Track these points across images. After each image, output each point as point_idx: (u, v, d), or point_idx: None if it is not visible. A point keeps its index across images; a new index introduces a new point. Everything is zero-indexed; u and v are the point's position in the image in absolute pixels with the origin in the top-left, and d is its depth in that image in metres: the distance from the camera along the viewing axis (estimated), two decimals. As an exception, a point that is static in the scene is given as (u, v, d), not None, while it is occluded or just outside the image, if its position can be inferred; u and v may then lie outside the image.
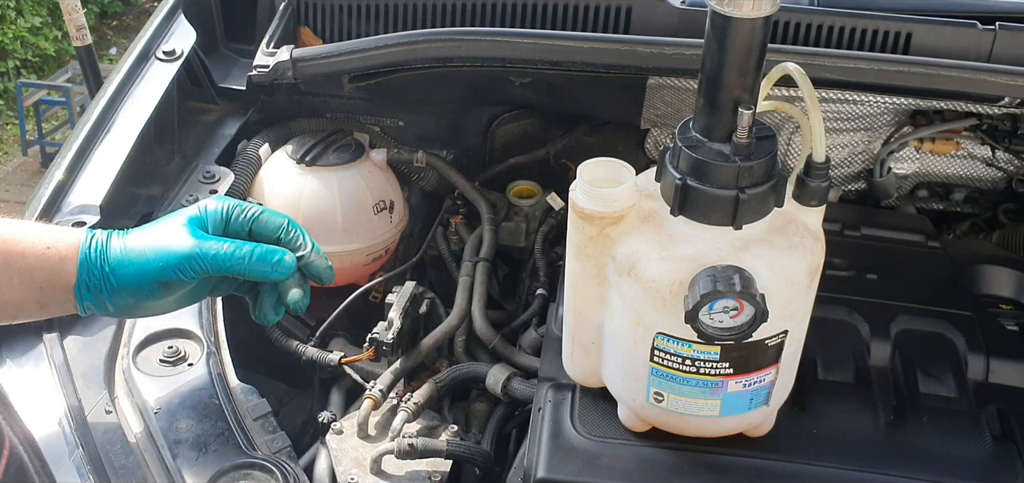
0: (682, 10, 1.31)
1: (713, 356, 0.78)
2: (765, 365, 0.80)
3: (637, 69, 1.21)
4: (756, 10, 0.69)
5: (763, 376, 0.81)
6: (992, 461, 0.86)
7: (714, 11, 0.71)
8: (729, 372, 0.79)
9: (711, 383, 0.80)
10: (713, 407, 0.82)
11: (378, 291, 1.26)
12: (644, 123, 1.33)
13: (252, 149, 1.28)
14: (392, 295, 1.13)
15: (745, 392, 0.81)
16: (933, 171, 1.37)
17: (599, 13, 1.33)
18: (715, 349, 0.77)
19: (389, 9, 1.37)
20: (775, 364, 0.81)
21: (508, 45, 1.22)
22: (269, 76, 1.27)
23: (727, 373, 0.79)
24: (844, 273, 1.08)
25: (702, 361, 0.78)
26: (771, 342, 0.78)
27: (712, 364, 0.79)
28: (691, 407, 0.82)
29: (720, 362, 0.78)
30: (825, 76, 1.17)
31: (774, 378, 0.82)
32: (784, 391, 0.86)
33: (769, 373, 0.81)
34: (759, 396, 0.82)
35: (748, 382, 0.80)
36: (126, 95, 1.22)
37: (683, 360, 0.79)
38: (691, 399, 0.81)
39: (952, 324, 1.00)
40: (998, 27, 1.25)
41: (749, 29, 0.70)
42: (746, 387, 0.81)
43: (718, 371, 0.79)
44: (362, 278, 1.30)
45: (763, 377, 0.81)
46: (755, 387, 0.81)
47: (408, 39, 1.23)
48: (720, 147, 0.75)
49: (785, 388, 0.85)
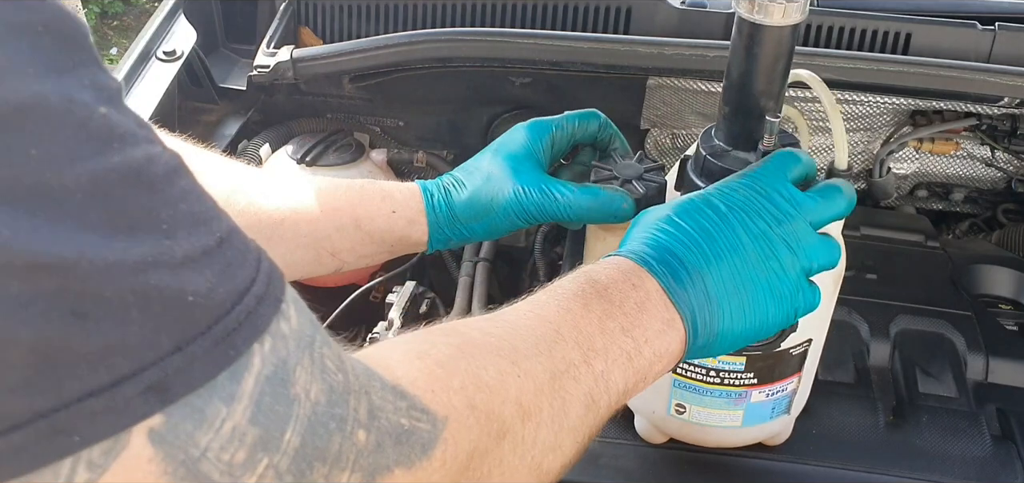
0: (682, 10, 1.31)
1: (738, 367, 0.77)
2: (789, 374, 0.79)
3: (637, 69, 1.22)
4: (786, 18, 0.68)
5: (786, 385, 0.80)
6: (991, 461, 0.86)
7: (742, 18, 0.69)
8: (754, 382, 0.78)
9: (735, 394, 0.79)
10: (736, 418, 0.81)
11: (378, 291, 1.26)
12: (644, 123, 1.33)
13: (252, 149, 1.29)
14: (392, 295, 1.13)
15: (768, 402, 0.80)
16: (933, 171, 1.37)
17: (599, 13, 1.33)
18: (741, 360, 0.77)
19: (389, 9, 1.37)
20: (798, 372, 0.80)
21: (508, 45, 1.22)
22: (269, 76, 1.27)
23: (752, 383, 0.78)
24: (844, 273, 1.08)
25: (727, 372, 0.78)
26: (795, 351, 0.78)
27: (737, 375, 0.78)
28: (714, 418, 0.81)
29: (745, 372, 0.78)
30: (824, 76, 1.16)
31: (796, 387, 0.81)
32: (803, 398, 0.85)
33: (792, 382, 0.80)
34: (780, 405, 0.82)
35: (771, 392, 0.80)
36: (126, 95, 1.22)
37: (707, 371, 0.78)
38: (714, 410, 0.80)
39: (952, 324, 1.00)
40: (998, 27, 1.25)
41: (777, 37, 0.69)
42: (769, 397, 0.80)
43: (743, 381, 0.78)
44: (362, 278, 1.30)
45: (786, 386, 0.80)
46: (778, 396, 0.80)
47: (408, 39, 1.23)
48: (745, 156, 0.73)
49: (804, 396, 0.85)
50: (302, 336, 0.44)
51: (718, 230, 0.65)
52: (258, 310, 0.41)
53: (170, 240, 0.38)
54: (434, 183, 0.85)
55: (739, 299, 0.64)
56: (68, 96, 0.36)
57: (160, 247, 0.38)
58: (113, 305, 0.36)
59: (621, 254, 0.66)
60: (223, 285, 0.40)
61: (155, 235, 0.38)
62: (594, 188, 0.80)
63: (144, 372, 0.37)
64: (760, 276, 0.65)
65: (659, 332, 0.62)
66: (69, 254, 0.35)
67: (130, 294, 0.37)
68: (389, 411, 0.48)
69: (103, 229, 0.36)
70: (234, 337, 0.40)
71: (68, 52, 0.37)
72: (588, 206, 0.79)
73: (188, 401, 0.39)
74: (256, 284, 0.42)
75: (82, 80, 0.37)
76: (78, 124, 0.36)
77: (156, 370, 0.37)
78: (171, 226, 0.38)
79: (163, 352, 0.38)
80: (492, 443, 0.54)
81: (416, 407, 0.49)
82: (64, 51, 0.37)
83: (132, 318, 0.37)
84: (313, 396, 0.43)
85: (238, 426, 0.40)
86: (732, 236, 0.65)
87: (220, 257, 0.40)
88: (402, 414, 0.48)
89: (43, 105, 0.35)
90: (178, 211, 0.39)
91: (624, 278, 0.63)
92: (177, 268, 0.38)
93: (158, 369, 0.37)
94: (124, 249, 0.36)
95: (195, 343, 0.39)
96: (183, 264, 0.38)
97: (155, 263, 0.37)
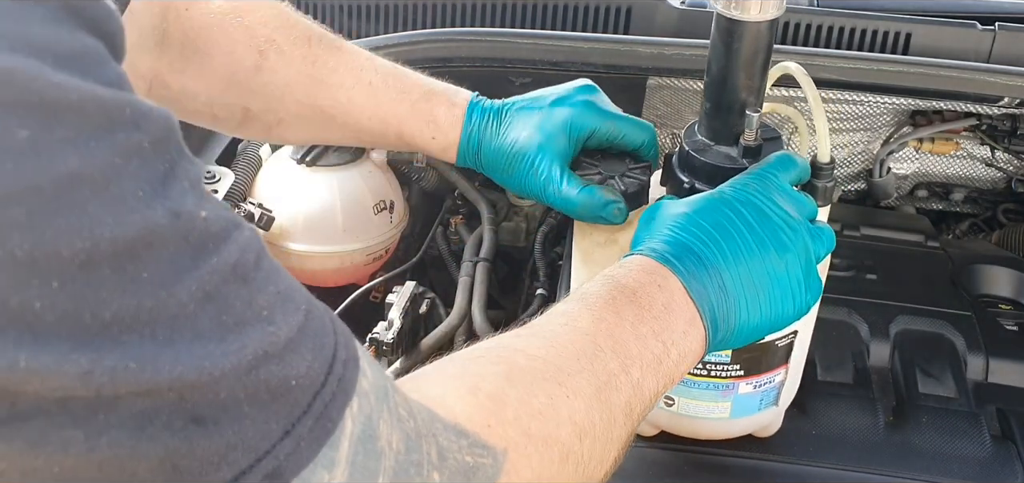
0: (682, 10, 1.31)
1: (725, 359, 0.78)
2: (775, 366, 0.80)
3: (637, 69, 1.22)
4: (762, 13, 0.69)
5: (773, 377, 0.81)
6: (991, 461, 0.86)
7: (720, 14, 0.71)
8: (740, 374, 0.79)
9: (722, 386, 0.80)
10: (724, 409, 0.82)
11: (378, 291, 1.26)
12: (644, 123, 1.33)
13: (252, 149, 1.28)
14: (392, 295, 1.13)
15: (755, 393, 0.81)
16: (933, 171, 1.37)
17: (599, 13, 1.33)
18: (726, 352, 0.77)
19: (389, 9, 1.37)
20: (785, 364, 0.81)
21: (508, 45, 1.22)
22: (269, 76, 1.26)
23: (738, 375, 0.79)
24: (843, 273, 1.08)
25: (713, 364, 0.78)
26: (781, 343, 0.78)
27: (723, 367, 0.78)
28: (702, 410, 0.82)
29: (731, 364, 0.78)
30: (824, 76, 1.17)
31: (784, 379, 0.82)
32: (792, 391, 0.86)
33: (779, 374, 0.81)
34: (769, 397, 0.82)
35: (759, 383, 0.80)
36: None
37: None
38: (702, 402, 0.81)
39: (952, 324, 1.00)
40: (998, 27, 1.25)
41: (755, 32, 0.70)
42: (756, 389, 0.81)
43: (729, 373, 0.79)
44: (362, 278, 1.30)
45: (773, 378, 0.81)
46: (765, 388, 0.81)
47: (408, 39, 1.23)
48: (727, 150, 0.75)
49: (793, 388, 0.86)
50: (379, 389, 0.46)
51: (734, 226, 0.66)
52: (346, 375, 0.44)
53: (272, 325, 0.40)
54: (478, 118, 0.87)
55: (755, 293, 0.65)
56: (175, 211, 0.37)
57: (266, 336, 0.40)
58: (229, 405, 0.38)
59: (643, 252, 0.67)
60: (317, 360, 0.42)
61: (260, 325, 0.40)
62: (591, 188, 0.81)
63: (260, 463, 0.39)
64: (774, 269, 0.66)
65: (683, 333, 0.63)
66: (189, 370, 0.37)
67: (242, 391, 0.38)
68: (454, 450, 0.49)
69: (215, 334, 0.38)
70: (330, 409, 0.42)
71: (167, 154, 0.38)
72: (580, 204, 0.81)
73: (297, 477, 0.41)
74: (338, 348, 0.44)
75: (182, 184, 0.38)
76: (183, 237, 0.37)
77: (271, 459, 0.40)
78: (270, 311, 0.40)
79: (274, 439, 0.40)
80: (556, 468, 0.55)
81: (477, 444, 0.51)
82: (165, 157, 0.38)
83: (245, 413, 0.39)
84: (395, 446, 0.45)
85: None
86: (748, 232, 0.66)
87: (309, 331, 0.42)
88: (466, 452, 0.50)
89: (154, 229, 0.36)
90: (271, 294, 0.41)
91: (650, 280, 0.64)
92: (283, 354, 0.40)
93: (272, 457, 0.40)
94: (238, 349, 0.38)
95: (300, 423, 0.41)
96: (287, 348, 0.40)
97: (265, 355, 0.39)
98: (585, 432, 0.57)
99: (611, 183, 0.82)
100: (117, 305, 0.35)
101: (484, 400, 0.54)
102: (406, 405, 0.48)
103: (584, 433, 0.57)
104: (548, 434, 0.55)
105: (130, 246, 0.35)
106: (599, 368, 0.59)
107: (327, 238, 1.22)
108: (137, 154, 0.36)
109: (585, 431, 0.57)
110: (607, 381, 0.59)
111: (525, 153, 0.84)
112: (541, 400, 0.55)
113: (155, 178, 0.37)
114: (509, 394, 0.55)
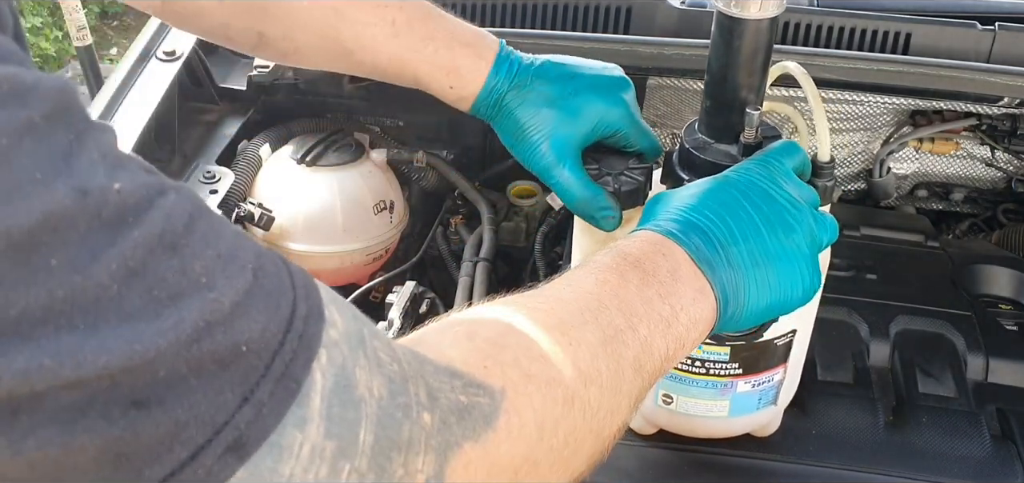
0: (682, 10, 1.31)
1: (723, 357, 0.78)
2: (774, 365, 0.80)
3: (637, 69, 1.21)
4: (763, 11, 0.70)
5: (772, 376, 0.81)
6: (991, 461, 0.86)
7: (721, 13, 0.71)
8: (738, 373, 0.79)
9: (721, 384, 0.80)
10: (722, 408, 0.82)
11: (378, 291, 1.26)
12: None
13: (252, 149, 1.28)
14: (392, 295, 1.13)
15: (754, 392, 0.81)
16: (933, 171, 1.37)
17: (599, 13, 1.33)
18: (725, 350, 0.77)
19: (389, 9, 1.37)
20: (783, 363, 0.81)
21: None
22: (269, 76, 1.26)
23: (736, 374, 0.79)
24: (843, 273, 1.08)
25: (712, 362, 0.79)
26: (780, 342, 0.78)
27: (722, 365, 0.79)
28: (700, 408, 0.82)
29: (730, 363, 0.78)
30: (825, 76, 1.17)
31: (782, 378, 0.82)
32: (791, 390, 0.86)
33: (778, 373, 0.81)
34: (767, 396, 0.82)
35: (757, 382, 0.80)
36: (126, 95, 1.22)
37: (693, 362, 0.79)
38: (701, 401, 0.81)
39: (951, 324, 1.00)
40: (998, 27, 1.25)
41: (755, 30, 0.71)
42: (755, 387, 0.81)
43: (728, 372, 0.79)
44: (362, 278, 1.30)
45: (771, 377, 0.81)
46: (764, 387, 0.81)
47: (408, 39, 1.23)
48: (727, 148, 0.75)
49: (792, 387, 0.86)
50: (351, 335, 0.44)
51: (739, 205, 0.66)
52: (307, 330, 0.41)
53: (213, 292, 0.37)
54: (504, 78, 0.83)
55: (763, 271, 0.65)
56: (81, 188, 0.34)
57: (207, 305, 0.37)
58: (173, 382, 0.36)
59: (647, 228, 0.67)
60: (272, 320, 0.39)
61: (198, 294, 0.37)
62: (594, 186, 0.81)
63: (219, 435, 0.37)
64: (781, 249, 0.66)
65: (692, 300, 0.63)
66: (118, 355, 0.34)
67: (185, 366, 0.36)
68: (446, 390, 0.48)
69: (146, 312, 0.35)
70: (293, 367, 0.40)
71: (69, 127, 0.35)
72: (579, 199, 0.80)
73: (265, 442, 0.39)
74: (297, 303, 0.41)
75: (90, 155, 0.35)
76: (94, 214, 0.35)
77: (230, 429, 0.37)
78: (209, 277, 0.37)
79: (231, 409, 0.38)
80: (562, 410, 0.54)
81: (471, 384, 0.50)
82: (66, 129, 0.35)
83: (193, 387, 0.36)
84: (376, 392, 0.43)
85: (315, 445, 0.40)
86: (754, 211, 0.66)
87: (259, 291, 0.39)
88: (459, 392, 0.49)
89: (57, 212, 0.33)
90: (208, 259, 0.38)
91: (654, 249, 0.64)
92: (229, 321, 0.38)
93: (232, 428, 0.37)
94: (175, 324, 0.36)
95: (259, 388, 0.38)
96: (234, 313, 0.38)
97: (207, 325, 0.37)
98: (591, 379, 0.56)
99: (606, 180, 0.81)
100: (24, 300, 0.32)
101: (481, 343, 0.53)
102: (388, 349, 0.46)
103: (590, 380, 0.56)
104: (551, 376, 0.53)
105: (30, 234, 0.32)
106: (604, 322, 0.59)
107: (327, 238, 1.22)
108: (29, 132, 0.33)
109: (591, 378, 0.56)
110: (614, 335, 0.59)
111: (540, 130, 0.82)
112: (543, 345, 0.54)
113: (55, 155, 0.34)
114: (508, 339, 0.54)
